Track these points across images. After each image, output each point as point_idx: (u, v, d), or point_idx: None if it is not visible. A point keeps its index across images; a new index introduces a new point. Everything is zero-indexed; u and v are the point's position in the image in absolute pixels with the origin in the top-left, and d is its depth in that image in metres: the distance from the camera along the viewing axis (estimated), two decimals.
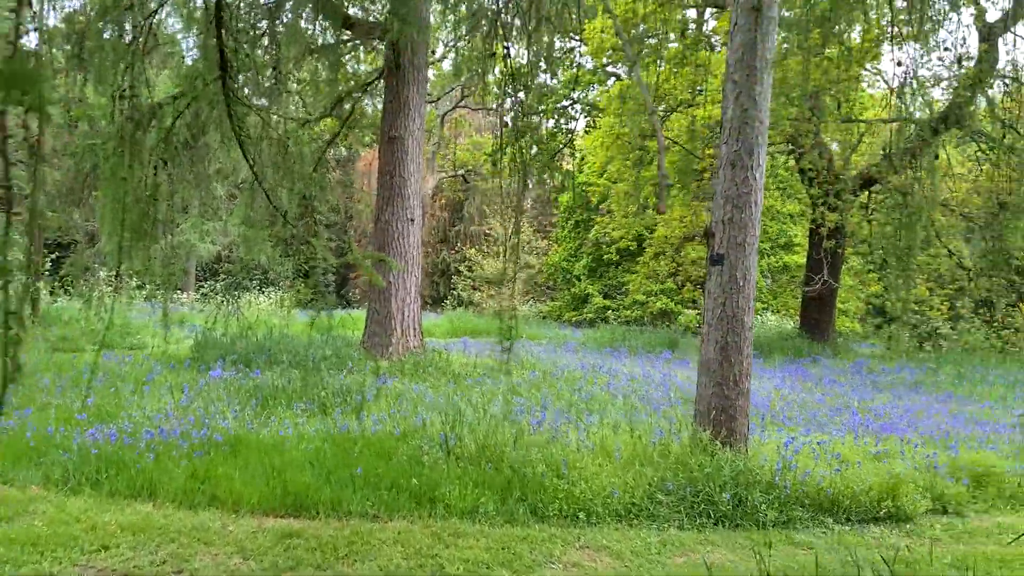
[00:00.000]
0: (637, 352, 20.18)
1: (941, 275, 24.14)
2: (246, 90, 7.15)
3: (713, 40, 24.11)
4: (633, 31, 24.68)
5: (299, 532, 5.17)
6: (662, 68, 22.38)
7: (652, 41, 30.93)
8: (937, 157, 21.07)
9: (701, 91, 21.77)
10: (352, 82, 14.49)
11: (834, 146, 23.68)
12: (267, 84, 6.11)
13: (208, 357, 11.92)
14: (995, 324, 24.72)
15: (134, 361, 11.57)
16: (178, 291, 29.42)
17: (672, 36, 24.40)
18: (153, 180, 5.08)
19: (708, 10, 24.54)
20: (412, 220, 13.35)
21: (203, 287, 30.51)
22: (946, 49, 26.06)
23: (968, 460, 7.21)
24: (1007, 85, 20.89)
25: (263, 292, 28.40)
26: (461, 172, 45.41)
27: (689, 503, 5.95)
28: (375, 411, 8.29)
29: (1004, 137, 20.47)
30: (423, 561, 4.83)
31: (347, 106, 14.12)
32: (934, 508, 6.51)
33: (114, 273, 5.50)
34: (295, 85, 13.12)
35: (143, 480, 5.80)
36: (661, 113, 22.63)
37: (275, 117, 8.67)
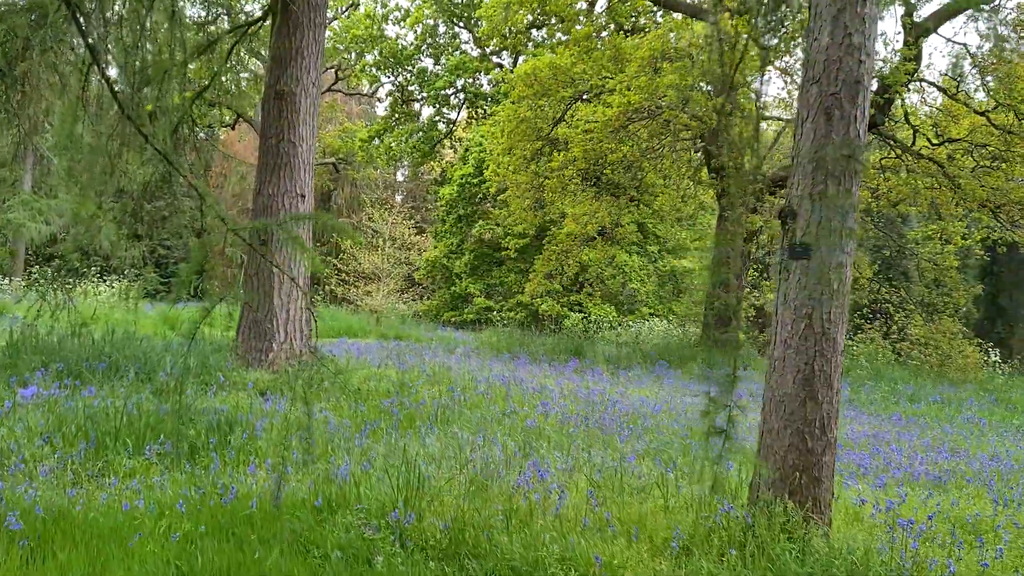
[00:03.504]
0: (540, 359, 18.16)
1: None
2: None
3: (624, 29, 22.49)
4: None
5: None
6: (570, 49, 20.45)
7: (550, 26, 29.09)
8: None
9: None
10: (227, 21, 11.67)
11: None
12: None
13: (24, 366, 8.85)
14: (891, 335, 24.29)
15: None
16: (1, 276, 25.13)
17: (582, 17, 22.65)
18: None
19: None
20: (303, 196, 10.69)
21: (34, 273, 26.09)
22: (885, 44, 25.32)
23: None
24: (923, 89, 20.23)
25: (104, 280, 24.47)
26: (331, 160, 42.36)
27: None
28: (270, 455, 5.73)
29: (914, 143, 19.75)
30: None
31: (223, 49, 11.27)
32: None
33: None
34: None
35: None
36: (568, 99, 20.73)
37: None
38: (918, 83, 19.77)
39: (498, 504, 4.51)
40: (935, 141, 19.41)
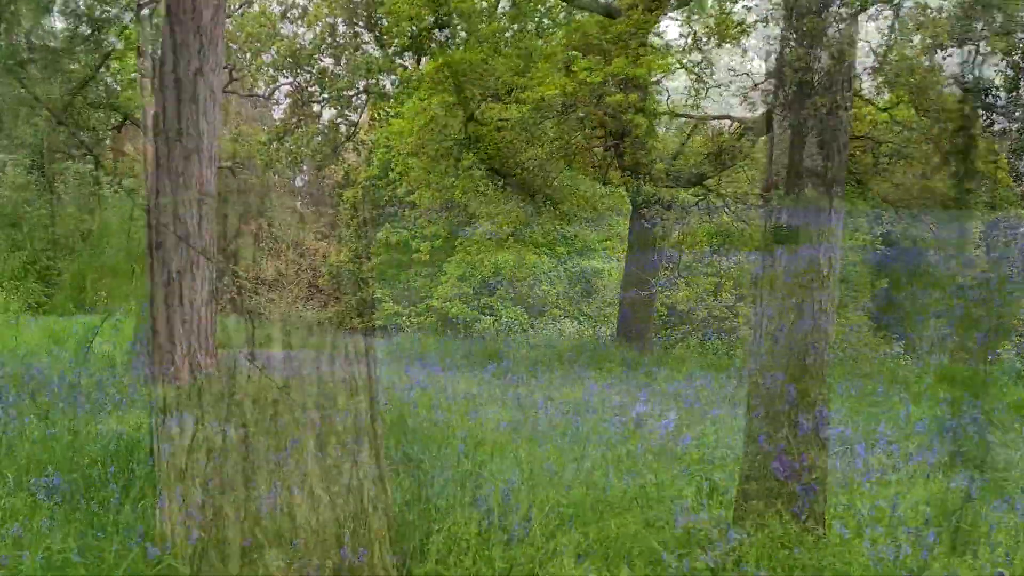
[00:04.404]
0: (458, 365, 17.61)
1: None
2: None
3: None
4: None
5: None
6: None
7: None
8: None
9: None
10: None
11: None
12: None
13: None
14: None
15: None
16: None
17: (485, 16, 22.20)
18: None
19: None
20: (208, 194, 9.79)
21: None
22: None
23: None
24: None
25: None
26: (228, 164, 40.72)
27: None
28: (182, 484, 4.95)
29: None
30: None
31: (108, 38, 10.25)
32: None
33: None
34: None
35: None
36: (479, 96, 20.22)
37: None
38: None
39: (459, 530, 3.91)
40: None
